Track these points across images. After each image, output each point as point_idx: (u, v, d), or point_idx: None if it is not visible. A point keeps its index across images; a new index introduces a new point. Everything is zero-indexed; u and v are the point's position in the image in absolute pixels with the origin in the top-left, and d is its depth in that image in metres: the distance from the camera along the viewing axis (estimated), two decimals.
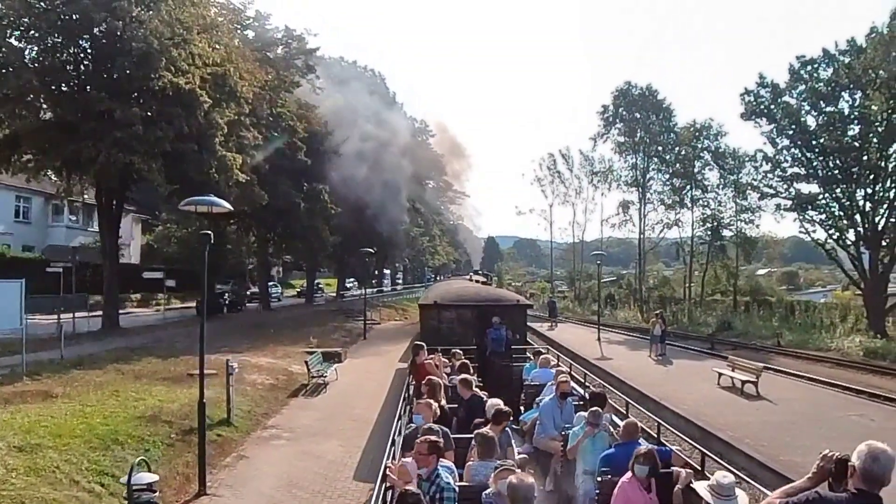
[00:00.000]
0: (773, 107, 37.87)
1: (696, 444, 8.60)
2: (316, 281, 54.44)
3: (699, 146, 49.38)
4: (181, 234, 46.04)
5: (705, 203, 50.15)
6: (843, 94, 35.44)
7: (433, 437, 5.46)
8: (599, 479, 6.14)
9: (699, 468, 6.29)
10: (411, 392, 9.81)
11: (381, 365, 20.72)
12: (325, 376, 15.93)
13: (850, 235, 34.66)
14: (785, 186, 38.67)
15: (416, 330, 25.20)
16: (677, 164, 50.34)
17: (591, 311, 59.85)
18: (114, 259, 23.85)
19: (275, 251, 31.97)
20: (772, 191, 39.65)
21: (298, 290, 55.60)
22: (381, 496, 5.20)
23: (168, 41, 20.07)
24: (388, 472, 5.26)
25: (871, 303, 32.72)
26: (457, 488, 5.27)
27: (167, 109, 19.71)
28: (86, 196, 28.72)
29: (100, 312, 24.09)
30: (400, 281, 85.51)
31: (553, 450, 7.85)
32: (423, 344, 11.45)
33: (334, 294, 55.91)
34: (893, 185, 32.25)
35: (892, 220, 32.43)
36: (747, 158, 41.57)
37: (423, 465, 5.24)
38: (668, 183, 52.21)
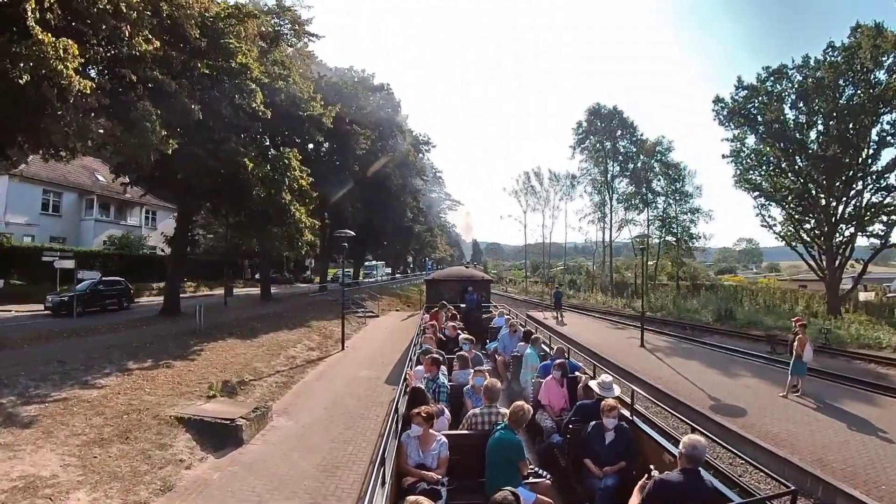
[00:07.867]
0: (749, 107, 24.49)
1: (589, 358, 7.78)
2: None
3: (652, 160, 39.50)
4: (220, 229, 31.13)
5: (656, 205, 39.42)
6: (805, 99, 23.47)
7: (436, 356, 5.51)
8: (533, 381, 6.22)
9: (592, 374, 5.68)
10: (424, 327, 9.24)
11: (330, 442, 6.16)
12: None
13: (814, 227, 24.05)
14: (758, 182, 25.44)
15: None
16: (636, 174, 37.60)
17: (566, 295, 45.05)
18: None
19: (245, 236, 15.71)
20: (751, 186, 25.69)
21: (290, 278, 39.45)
22: (402, 390, 4.82)
23: None
24: (406, 376, 5.19)
25: (830, 289, 23.18)
26: (448, 386, 5.29)
27: None
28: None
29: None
30: (411, 267, 70.12)
31: (504, 364, 8.41)
32: (436, 305, 12.16)
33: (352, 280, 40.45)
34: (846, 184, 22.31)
35: (846, 215, 22.34)
36: (722, 159, 27.63)
37: (429, 373, 5.25)
38: (629, 187, 40.84)
